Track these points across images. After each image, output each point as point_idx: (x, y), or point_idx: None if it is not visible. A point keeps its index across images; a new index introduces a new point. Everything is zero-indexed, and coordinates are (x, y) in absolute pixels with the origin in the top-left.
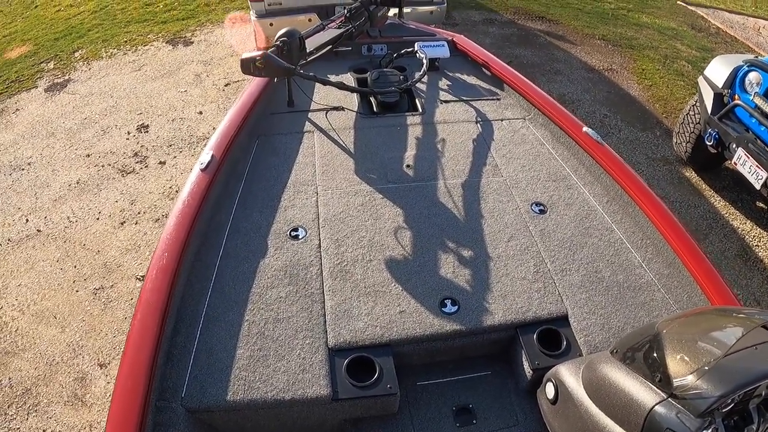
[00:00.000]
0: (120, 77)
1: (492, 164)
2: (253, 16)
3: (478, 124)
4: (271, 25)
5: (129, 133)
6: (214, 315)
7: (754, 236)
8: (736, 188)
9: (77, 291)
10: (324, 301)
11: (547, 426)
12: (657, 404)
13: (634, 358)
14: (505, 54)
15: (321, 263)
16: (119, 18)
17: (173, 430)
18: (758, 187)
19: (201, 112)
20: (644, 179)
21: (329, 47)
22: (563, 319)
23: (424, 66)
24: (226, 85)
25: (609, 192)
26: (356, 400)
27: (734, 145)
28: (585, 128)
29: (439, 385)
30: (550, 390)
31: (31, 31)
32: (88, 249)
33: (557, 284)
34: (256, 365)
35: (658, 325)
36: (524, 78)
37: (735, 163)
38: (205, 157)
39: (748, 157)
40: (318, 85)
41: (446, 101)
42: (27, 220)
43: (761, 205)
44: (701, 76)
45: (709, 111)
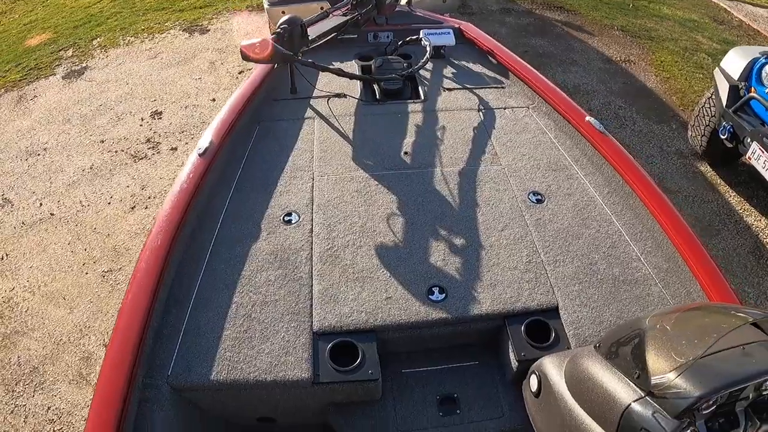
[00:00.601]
0: (136, 65)
1: (491, 152)
2: (266, 4)
3: (481, 112)
4: (283, 12)
5: (143, 119)
6: (205, 296)
7: None
8: (752, 184)
9: (86, 273)
10: (312, 286)
11: (530, 418)
12: (633, 402)
13: (617, 354)
14: (521, 44)
15: (312, 248)
16: (138, 6)
17: (158, 406)
18: None
19: (214, 99)
20: (657, 172)
21: (333, 34)
22: (553, 311)
23: (427, 53)
24: (239, 73)
25: (610, 183)
26: (337, 384)
27: (748, 139)
28: (588, 117)
29: (424, 374)
30: (533, 382)
31: (51, 19)
32: (99, 233)
33: (549, 275)
34: (241, 346)
35: (644, 319)
36: (529, 66)
37: (749, 157)
38: (203, 142)
39: (763, 152)
40: (322, 72)
41: (450, 89)
42: (41, 204)
43: None
44: (717, 68)
45: (724, 104)
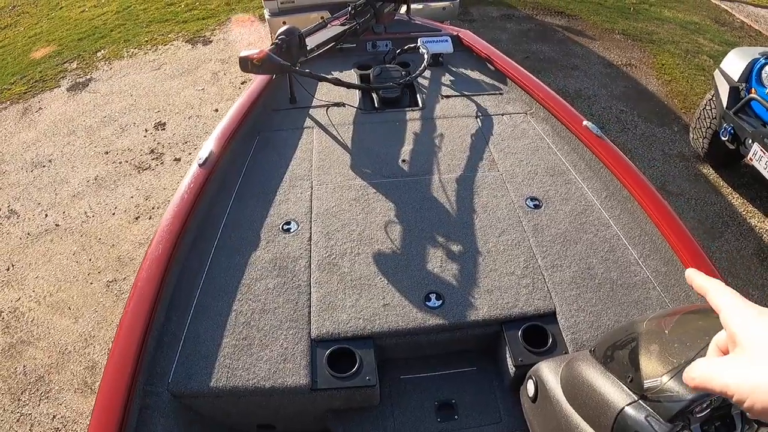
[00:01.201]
0: (140, 76)
1: (489, 159)
2: (267, 15)
3: (479, 119)
4: (284, 23)
5: (146, 130)
6: (205, 304)
7: None
8: (755, 185)
9: (91, 283)
10: (310, 293)
11: (527, 424)
12: (627, 406)
13: (612, 358)
14: (522, 50)
15: (310, 256)
16: (141, 18)
17: (158, 413)
18: None
19: (217, 110)
20: (659, 175)
21: (332, 44)
22: (551, 316)
23: (425, 61)
24: (242, 83)
25: (608, 187)
26: (335, 390)
27: (750, 140)
28: (585, 122)
29: (422, 380)
30: (530, 387)
31: (55, 32)
32: (104, 243)
33: (547, 280)
34: (240, 354)
35: (640, 323)
36: (527, 72)
37: (750, 158)
38: (203, 152)
39: (764, 153)
40: (321, 82)
41: (448, 96)
42: (46, 215)
43: None
44: (717, 70)
45: (725, 105)
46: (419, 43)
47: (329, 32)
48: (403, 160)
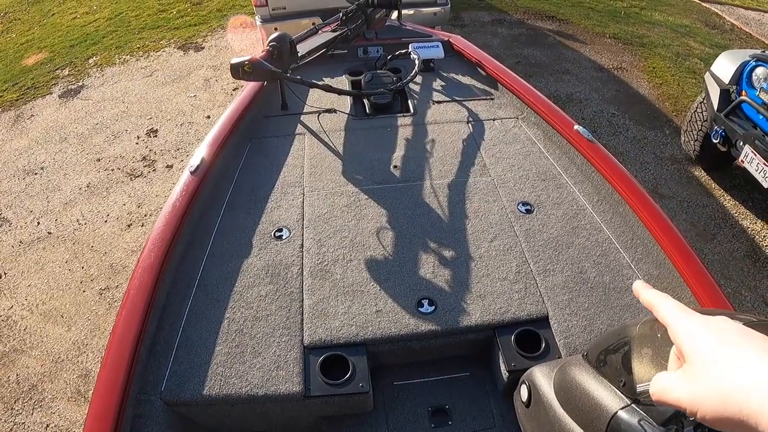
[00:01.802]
0: (132, 83)
1: (480, 164)
2: (259, 21)
3: (470, 124)
4: (275, 29)
5: (138, 137)
6: (197, 312)
7: (764, 236)
8: (747, 187)
9: (84, 291)
10: (303, 300)
11: (521, 429)
12: (620, 410)
13: (605, 362)
14: (513, 54)
15: (302, 263)
16: (133, 24)
17: (151, 421)
18: (766, 185)
19: (209, 116)
20: (651, 178)
21: (323, 50)
22: (543, 321)
23: (416, 67)
24: (234, 90)
25: (599, 191)
26: (328, 397)
27: (741, 143)
28: (576, 126)
29: (415, 386)
30: (524, 392)
31: (47, 39)
32: (96, 251)
33: (539, 285)
34: (233, 361)
35: (633, 327)
36: (518, 77)
37: (742, 161)
38: (194, 160)
39: (755, 155)
40: (312, 88)
41: (439, 102)
42: (38, 223)
43: None
44: (708, 72)
45: (716, 108)
46: (410, 49)
47: (320, 38)
48: (395, 166)
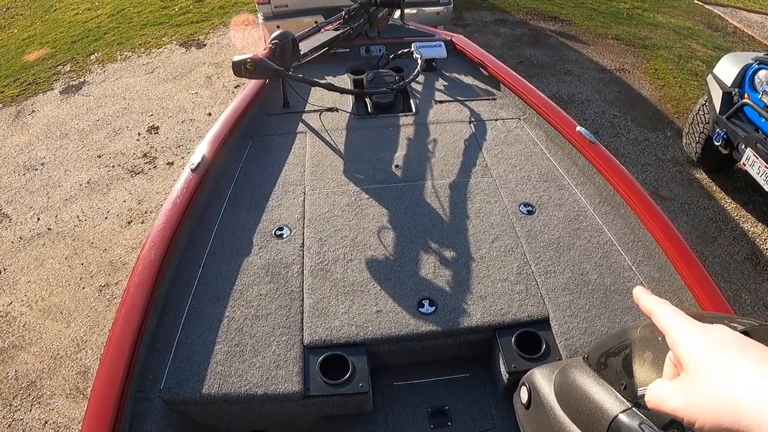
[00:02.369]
0: (133, 79)
1: (482, 164)
2: (261, 19)
3: (472, 124)
4: (278, 27)
5: (139, 134)
6: (197, 310)
7: (765, 239)
8: (748, 190)
9: (83, 288)
10: (303, 300)
11: (521, 431)
12: (620, 413)
13: (606, 365)
14: (515, 54)
15: (303, 262)
16: (135, 21)
17: (150, 419)
18: (767, 188)
19: (210, 114)
20: (652, 180)
21: (325, 49)
22: (544, 322)
23: (418, 66)
24: (236, 87)
25: (601, 193)
26: (328, 397)
27: (743, 146)
28: (578, 127)
29: (415, 386)
30: (524, 394)
31: (49, 34)
32: (96, 247)
33: (540, 286)
34: (232, 360)
35: (634, 329)
36: (521, 78)
37: (743, 163)
38: (196, 157)
39: (757, 158)
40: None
41: (441, 101)
42: (38, 219)
43: None
44: (710, 75)
45: (718, 110)
46: (413, 48)
47: (323, 37)
48: (396, 166)
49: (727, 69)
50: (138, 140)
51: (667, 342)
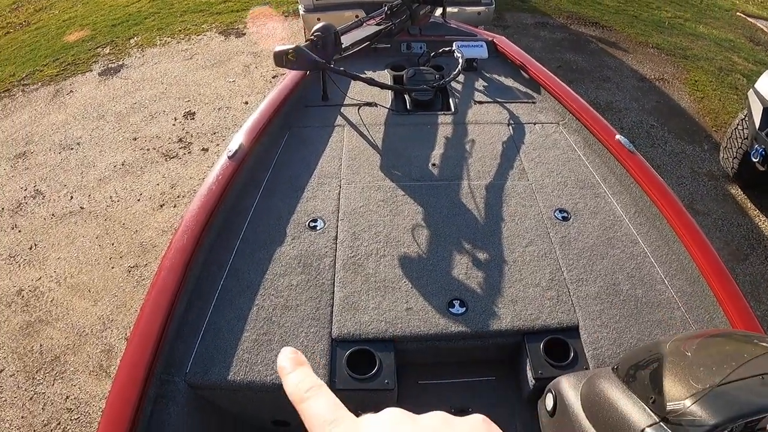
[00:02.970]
0: (171, 65)
1: (519, 168)
2: (302, 11)
3: (510, 127)
4: (318, 19)
5: (176, 119)
6: (227, 297)
7: None
8: None
9: (113, 267)
10: (333, 293)
11: None
12: (647, 427)
13: (635, 377)
14: (554, 59)
15: (335, 255)
16: (176, 7)
17: (174, 402)
18: None
19: (247, 102)
20: (687, 194)
21: (367, 43)
22: (573, 330)
23: (459, 65)
24: (273, 77)
25: (637, 203)
26: (353, 391)
27: None
28: (618, 136)
29: (440, 386)
30: (549, 401)
31: (90, 17)
32: (127, 228)
33: (571, 294)
34: (259, 349)
35: (664, 343)
36: (561, 82)
37: None
38: (233, 144)
39: None
40: (354, 80)
41: (480, 102)
42: (71, 197)
43: None
44: (751, 90)
45: (757, 126)
46: (454, 47)
47: (364, 31)
48: (433, 164)
49: None
50: (174, 125)
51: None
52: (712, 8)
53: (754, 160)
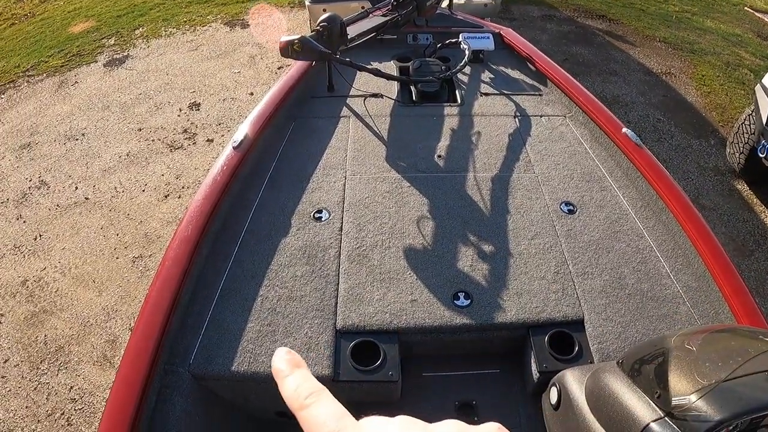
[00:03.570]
0: (177, 56)
1: (525, 160)
2: (307, 2)
3: (517, 119)
4: (324, 10)
5: (181, 110)
6: (231, 288)
7: None
8: None
9: (117, 258)
10: (338, 284)
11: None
12: (652, 422)
13: (639, 371)
14: (561, 51)
15: (340, 246)
16: None
17: (177, 393)
18: None
19: (252, 93)
20: (693, 188)
21: (373, 34)
22: (578, 324)
23: (466, 57)
24: (279, 68)
25: (643, 197)
26: (357, 383)
27: None
28: (624, 129)
29: (444, 378)
30: (553, 395)
31: (95, 8)
32: (132, 219)
33: (577, 287)
34: (263, 340)
35: (669, 338)
36: (568, 75)
37: None
38: (238, 135)
39: None
40: (360, 71)
41: (487, 94)
42: (76, 188)
43: None
44: (758, 85)
45: (764, 122)
46: (461, 39)
47: (370, 22)
48: (439, 156)
49: None
50: (179, 116)
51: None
52: (720, 2)
53: (761, 155)
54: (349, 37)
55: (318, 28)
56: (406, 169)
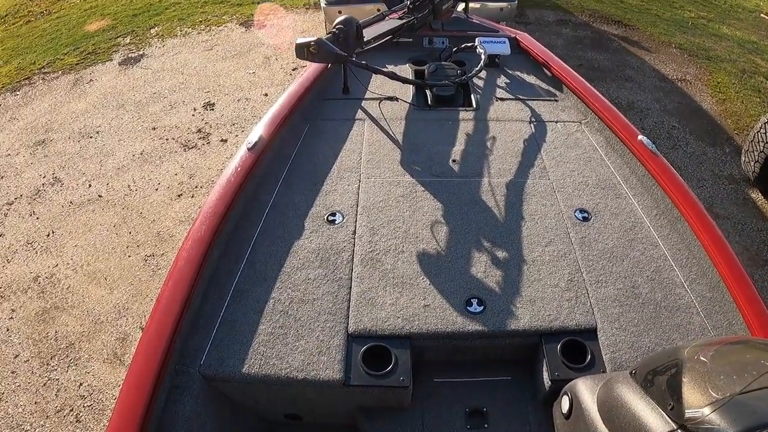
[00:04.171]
0: (192, 55)
1: (540, 166)
2: (323, 3)
3: (532, 125)
4: (339, 12)
5: (195, 109)
6: (243, 289)
7: None
8: None
9: (129, 256)
10: (351, 288)
11: None
12: None
13: (652, 382)
14: (576, 57)
15: (353, 250)
16: None
17: (187, 393)
18: None
19: (266, 94)
20: (707, 196)
21: (388, 37)
22: (591, 332)
23: (482, 61)
24: (293, 69)
25: (659, 205)
26: (368, 388)
27: None
28: (640, 136)
29: (455, 384)
30: (565, 403)
31: (111, 7)
32: (144, 217)
33: (590, 295)
34: (275, 342)
35: (683, 349)
36: (584, 81)
37: None
38: (253, 136)
39: None
40: (375, 74)
41: (502, 99)
42: (90, 185)
43: None
44: None
45: None
46: (477, 43)
47: (386, 25)
48: (454, 160)
49: None
50: (193, 115)
51: None
52: (736, 9)
53: None
54: (365, 39)
55: (334, 30)
56: (421, 173)
